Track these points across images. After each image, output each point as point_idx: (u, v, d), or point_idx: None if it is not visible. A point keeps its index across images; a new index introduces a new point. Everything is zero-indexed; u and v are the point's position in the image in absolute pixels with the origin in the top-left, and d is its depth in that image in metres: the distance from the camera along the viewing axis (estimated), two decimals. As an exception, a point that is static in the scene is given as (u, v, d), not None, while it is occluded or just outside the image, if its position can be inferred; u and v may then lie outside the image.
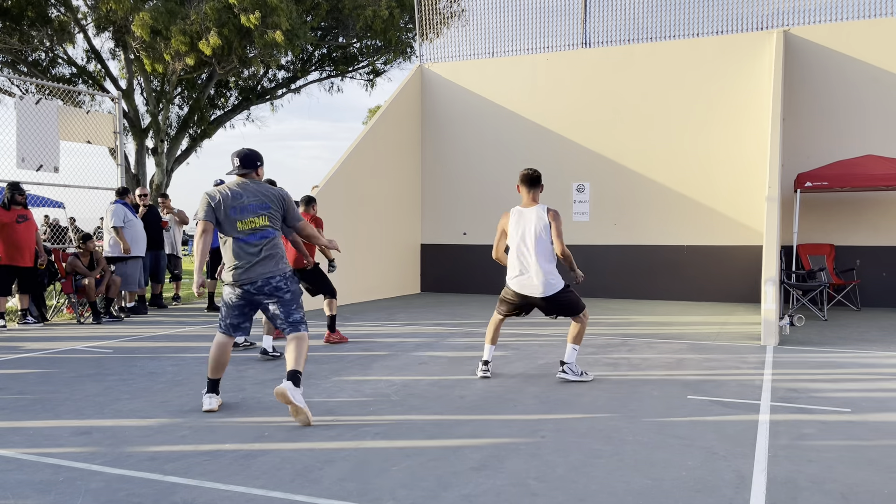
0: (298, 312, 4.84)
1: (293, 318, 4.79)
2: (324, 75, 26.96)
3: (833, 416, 4.78)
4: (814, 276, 10.85)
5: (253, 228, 4.76)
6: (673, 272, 12.38)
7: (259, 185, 4.86)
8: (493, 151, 13.84)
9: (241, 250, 4.75)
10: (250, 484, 3.52)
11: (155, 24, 19.16)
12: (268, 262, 4.77)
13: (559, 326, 9.28)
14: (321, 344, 7.72)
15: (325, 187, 11.55)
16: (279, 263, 4.82)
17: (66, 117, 10.73)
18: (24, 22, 20.77)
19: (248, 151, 4.92)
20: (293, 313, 4.81)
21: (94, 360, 6.82)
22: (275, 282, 4.78)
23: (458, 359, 6.89)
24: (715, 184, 12.18)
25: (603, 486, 3.50)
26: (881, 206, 11.53)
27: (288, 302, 4.80)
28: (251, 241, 4.75)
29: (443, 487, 3.48)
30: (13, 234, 9.06)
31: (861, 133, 11.54)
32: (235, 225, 4.75)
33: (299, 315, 4.83)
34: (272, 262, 4.78)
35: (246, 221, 4.75)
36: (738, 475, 3.64)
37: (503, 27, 14.02)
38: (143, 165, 23.57)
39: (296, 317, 4.80)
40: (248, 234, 4.75)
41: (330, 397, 5.32)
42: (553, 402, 5.19)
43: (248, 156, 4.90)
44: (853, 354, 7.16)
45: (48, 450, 4.06)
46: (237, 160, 4.88)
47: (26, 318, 9.35)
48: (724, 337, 8.32)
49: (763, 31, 12.20)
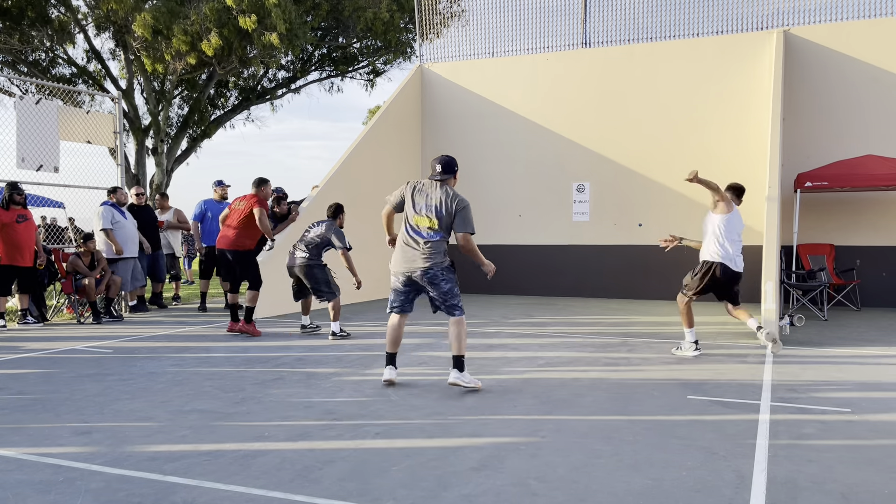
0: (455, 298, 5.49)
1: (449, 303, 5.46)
2: (324, 75, 26.96)
3: (833, 416, 4.78)
4: (814, 276, 10.84)
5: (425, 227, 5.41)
6: (673, 272, 12.36)
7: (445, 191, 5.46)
8: (492, 151, 13.83)
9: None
10: (250, 484, 3.51)
11: (156, 23, 19.16)
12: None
13: (559, 326, 9.29)
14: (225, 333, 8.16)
15: (325, 187, 11.55)
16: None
17: (66, 117, 10.72)
18: (24, 22, 20.76)
19: (448, 159, 5.50)
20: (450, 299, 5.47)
21: (94, 360, 6.82)
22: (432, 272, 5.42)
23: (458, 359, 6.89)
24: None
25: (603, 486, 3.50)
26: (881, 206, 11.53)
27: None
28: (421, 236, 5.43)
29: (443, 487, 3.48)
30: (13, 234, 9.06)
31: (861, 133, 11.54)
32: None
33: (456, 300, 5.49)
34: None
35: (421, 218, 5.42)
36: (738, 475, 3.64)
37: (503, 27, 14.02)
38: (143, 165, 23.57)
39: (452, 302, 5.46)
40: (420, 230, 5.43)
41: (330, 397, 5.32)
42: (553, 402, 5.19)
43: (449, 163, 5.50)
44: (853, 354, 7.16)
45: (48, 450, 4.06)
46: (439, 166, 5.47)
47: (26, 318, 9.35)
48: (724, 337, 8.32)
49: (763, 31, 12.20)
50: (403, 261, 5.43)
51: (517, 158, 13.63)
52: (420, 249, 5.38)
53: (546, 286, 13.35)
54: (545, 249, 13.43)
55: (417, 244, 5.39)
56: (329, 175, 11.83)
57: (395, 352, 5.69)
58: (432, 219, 5.37)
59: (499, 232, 13.64)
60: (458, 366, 5.46)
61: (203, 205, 11.25)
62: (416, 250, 5.39)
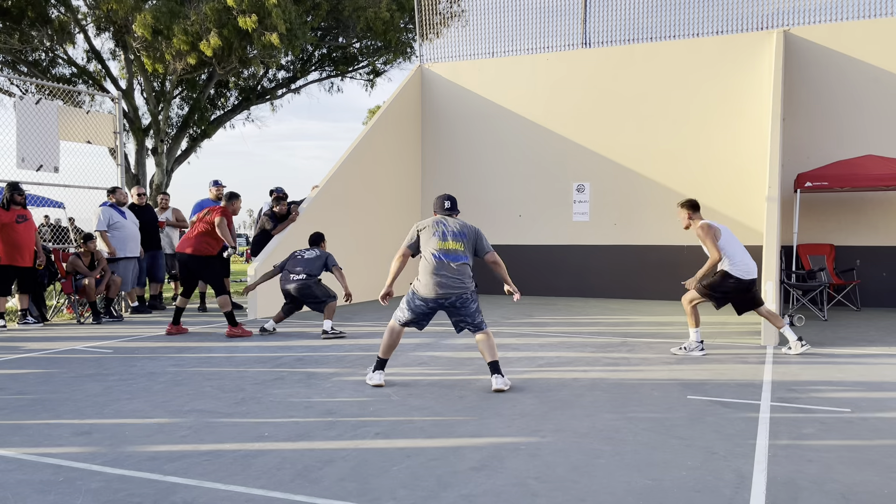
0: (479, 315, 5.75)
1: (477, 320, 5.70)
2: (324, 75, 26.95)
3: (833, 416, 4.78)
4: (814, 276, 10.84)
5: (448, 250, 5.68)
6: (673, 272, 12.37)
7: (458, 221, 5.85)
8: (492, 151, 13.84)
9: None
10: (250, 484, 3.51)
11: (156, 23, 19.16)
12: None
13: (559, 326, 9.29)
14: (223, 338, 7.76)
15: (325, 187, 11.55)
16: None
17: (66, 117, 10.72)
18: (24, 22, 20.76)
19: (452, 196, 5.92)
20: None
21: (94, 360, 6.82)
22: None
23: (458, 359, 6.89)
24: (715, 184, 12.18)
25: (603, 486, 3.50)
26: (881, 206, 11.53)
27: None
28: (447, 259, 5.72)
29: (443, 487, 3.48)
30: (13, 234, 9.06)
31: (861, 133, 11.54)
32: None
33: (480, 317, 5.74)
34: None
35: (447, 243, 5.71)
36: (738, 475, 3.64)
37: (503, 27, 14.02)
38: (143, 165, 23.57)
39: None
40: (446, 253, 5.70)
41: (330, 397, 5.32)
42: (553, 402, 5.19)
43: (454, 199, 5.94)
44: (853, 354, 7.16)
45: (48, 450, 4.06)
46: (447, 202, 5.89)
47: (26, 318, 9.35)
48: (724, 337, 8.32)
49: (763, 31, 12.20)
50: (437, 287, 5.53)
51: (517, 158, 13.63)
52: (453, 274, 5.54)
53: (546, 286, 13.36)
54: (545, 249, 13.43)
55: (449, 268, 5.54)
56: (329, 175, 11.82)
57: (388, 358, 5.79)
58: (459, 242, 5.62)
59: (499, 232, 13.64)
60: (499, 370, 5.60)
61: (201, 205, 11.27)
62: (449, 275, 5.53)
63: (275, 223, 10.60)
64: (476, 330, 5.69)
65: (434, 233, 5.67)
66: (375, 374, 5.74)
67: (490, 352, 5.63)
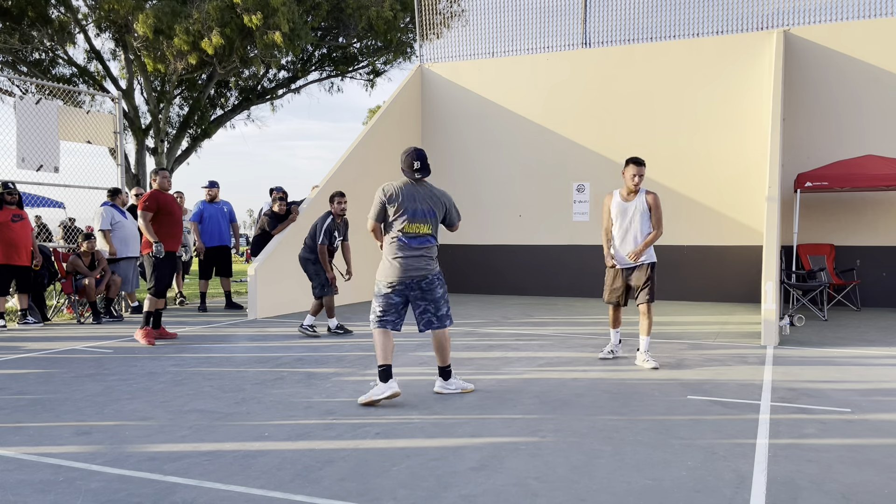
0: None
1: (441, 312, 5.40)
2: (324, 75, 26.97)
3: (833, 416, 4.78)
4: (814, 276, 10.84)
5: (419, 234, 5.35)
6: (673, 272, 12.37)
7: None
8: (492, 151, 13.84)
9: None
10: (250, 484, 3.52)
11: (158, 23, 19.17)
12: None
13: (559, 326, 9.28)
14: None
15: (326, 187, 11.55)
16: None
17: (66, 117, 10.72)
18: (25, 22, 20.78)
19: (423, 153, 5.33)
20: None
21: (94, 360, 6.82)
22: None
23: (458, 359, 6.89)
24: (715, 184, 12.17)
25: (603, 486, 3.50)
26: (881, 206, 11.53)
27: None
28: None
29: (443, 487, 3.48)
30: (9, 233, 9.06)
31: (861, 133, 11.54)
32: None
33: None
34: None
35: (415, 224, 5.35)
36: (738, 475, 3.64)
37: (503, 27, 14.02)
38: (143, 165, 23.58)
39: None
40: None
41: (330, 397, 5.32)
42: (553, 402, 5.19)
43: (427, 160, 5.36)
44: (853, 354, 7.16)
45: (48, 450, 4.06)
46: (417, 163, 5.29)
47: (26, 318, 9.35)
48: (724, 337, 8.32)
49: (763, 31, 12.20)
50: (401, 269, 5.19)
51: (517, 158, 13.62)
52: (418, 256, 5.22)
53: (546, 286, 13.35)
54: (545, 249, 13.43)
55: (414, 251, 5.22)
56: (329, 175, 11.83)
57: (390, 364, 5.19)
58: (428, 223, 5.26)
59: (499, 232, 13.64)
60: (446, 375, 5.47)
61: (200, 205, 11.29)
62: (413, 258, 5.21)
63: (275, 223, 10.61)
64: (439, 325, 5.31)
65: (401, 211, 5.22)
66: (384, 385, 5.10)
67: (445, 355, 5.40)
